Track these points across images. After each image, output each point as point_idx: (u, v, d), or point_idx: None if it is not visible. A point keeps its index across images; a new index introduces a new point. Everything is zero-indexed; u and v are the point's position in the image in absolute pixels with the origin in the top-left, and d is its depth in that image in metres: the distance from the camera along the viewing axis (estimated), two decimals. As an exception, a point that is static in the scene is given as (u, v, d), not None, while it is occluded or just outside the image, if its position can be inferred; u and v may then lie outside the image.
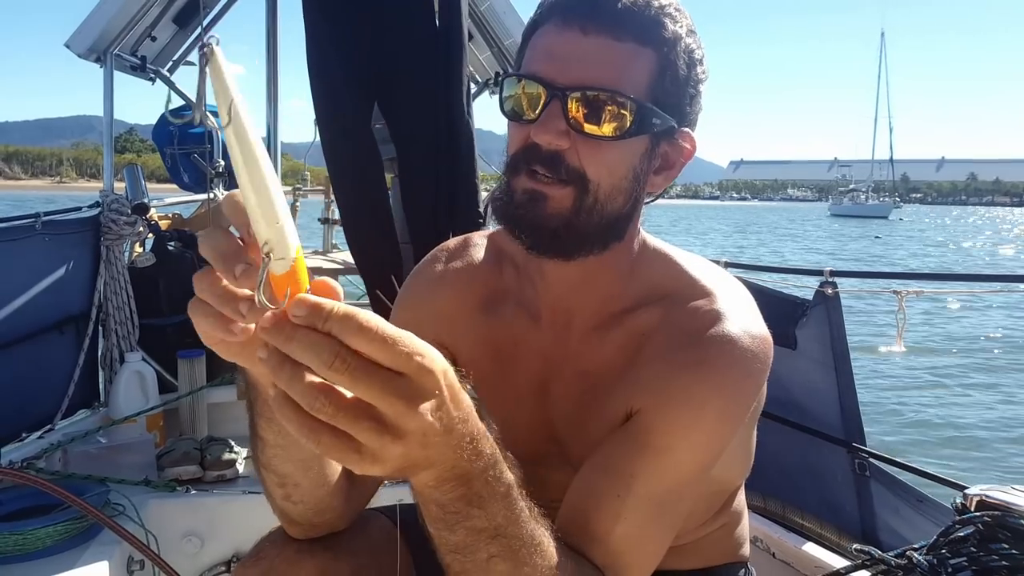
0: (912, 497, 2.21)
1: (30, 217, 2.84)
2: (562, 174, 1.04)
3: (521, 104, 1.07)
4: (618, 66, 1.03)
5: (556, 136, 1.03)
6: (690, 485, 1.07)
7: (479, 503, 0.77)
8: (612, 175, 1.06)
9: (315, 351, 0.63)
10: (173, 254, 3.29)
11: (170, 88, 4.02)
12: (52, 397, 2.84)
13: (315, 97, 2.82)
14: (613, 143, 1.04)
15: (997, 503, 1.58)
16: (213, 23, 4.04)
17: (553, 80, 1.03)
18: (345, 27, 2.78)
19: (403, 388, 0.66)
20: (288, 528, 1.13)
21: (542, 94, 1.04)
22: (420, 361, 0.66)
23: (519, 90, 1.07)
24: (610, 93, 1.02)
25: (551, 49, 1.05)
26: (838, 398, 2.35)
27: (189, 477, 2.49)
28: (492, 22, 3.47)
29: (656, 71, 1.05)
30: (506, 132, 1.14)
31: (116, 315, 3.06)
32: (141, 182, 3.36)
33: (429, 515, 0.79)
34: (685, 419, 1.04)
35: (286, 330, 0.64)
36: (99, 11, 3.21)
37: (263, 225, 0.64)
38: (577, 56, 1.03)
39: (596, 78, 1.02)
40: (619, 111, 1.02)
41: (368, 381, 0.64)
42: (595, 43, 1.03)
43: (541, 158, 1.04)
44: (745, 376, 1.08)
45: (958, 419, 7.89)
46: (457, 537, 0.79)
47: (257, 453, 0.99)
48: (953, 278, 2.38)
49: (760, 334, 1.11)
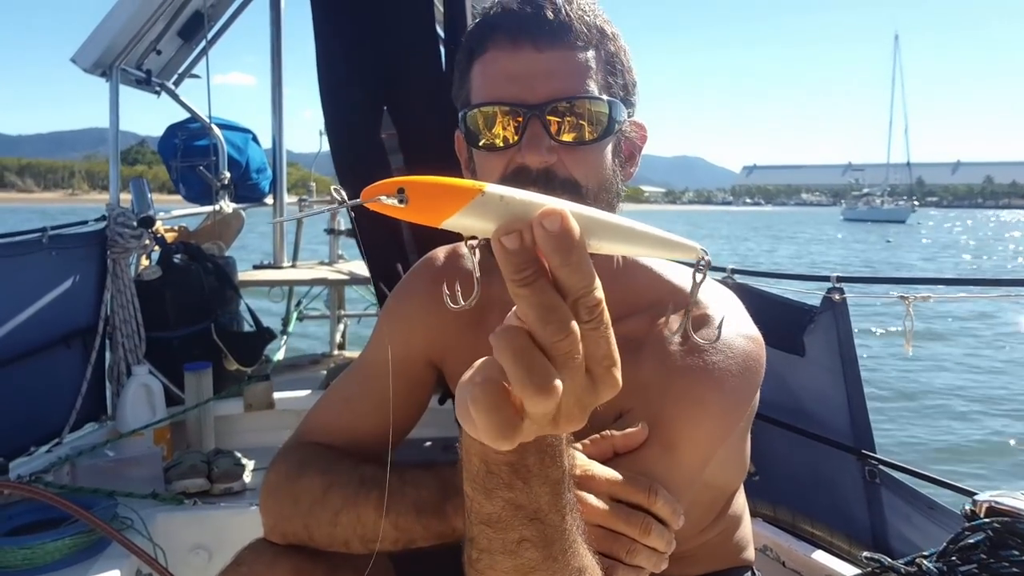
0: (923, 504, 2.18)
1: (37, 232, 2.86)
2: (556, 187, 1.06)
3: (495, 131, 1.08)
4: (579, 73, 1.07)
5: (545, 154, 1.05)
6: (689, 485, 1.08)
7: (525, 477, 0.73)
8: (598, 175, 1.11)
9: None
10: (179, 267, 3.29)
11: (175, 101, 4.04)
12: (60, 411, 2.85)
13: (324, 105, 2.83)
14: (595, 146, 1.09)
15: (1007, 509, 1.57)
16: (218, 36, 4.08)
17: (524, 101, 1.06)
18: (353, 36, 2.79)
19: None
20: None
21: (518, 117, 1.06)
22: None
23: (489, 116, 1.08)
24: (581, 99, 1.06)
25: (510, 72, 1.07)
26: (847, 405, 2.33)
27: (196, 490, 2.49)
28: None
29: (606, 70, 1.10)
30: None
31: (123, 328, 3.07)
32: (147, 195, 3.37)
33: (470, 469, 0.75)
34: (686, 416, 1.05)
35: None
36: (105, 26, 3.24)
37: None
38: (540, 73, 1.06)
39: (564, 89, 1.06)
40: (594, 115, 1.07)
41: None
42: (551, 57, 1.06)
43: (533, 178, 1.06)
44: (742, 375, 1.09)
45: (967, 424, 7.83)
46: (493, 507, 0.75)
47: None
48: (962, 283, 2.35)
49: (753, 335, 1.14)
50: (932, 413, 8.24)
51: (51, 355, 2.85)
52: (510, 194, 0.58)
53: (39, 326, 2.79)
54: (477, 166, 1.16)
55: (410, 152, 2.86)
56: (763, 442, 2.09)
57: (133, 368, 2.94)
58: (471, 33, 1.14)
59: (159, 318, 3.18)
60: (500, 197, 0.58)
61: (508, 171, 1.08)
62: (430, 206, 0.57)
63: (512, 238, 0.58)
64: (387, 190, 0.57)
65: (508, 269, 0.59)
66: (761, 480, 2.39)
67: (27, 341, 2.73)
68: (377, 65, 2.78)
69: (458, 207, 0.57)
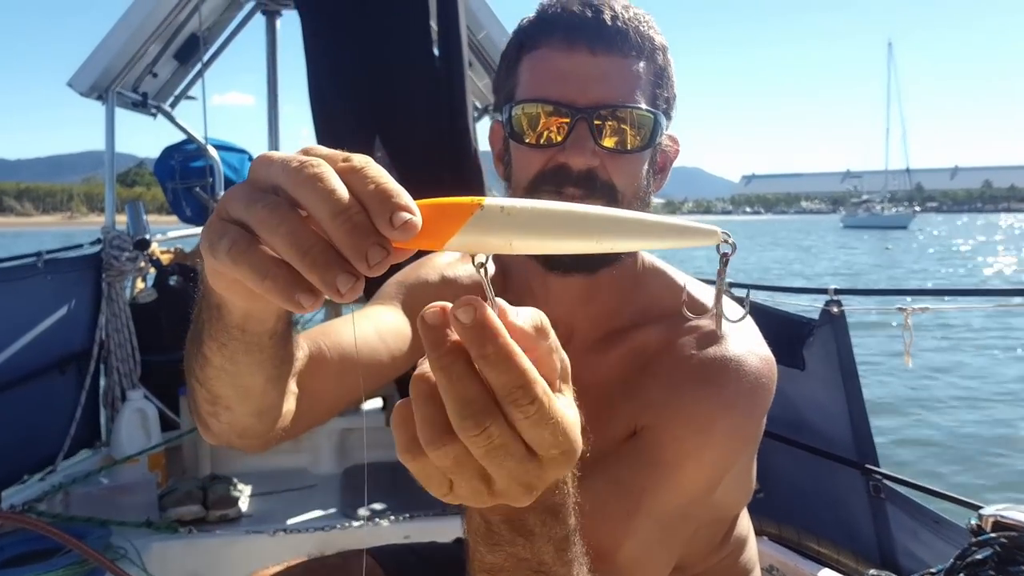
0: (929, 518, 2.15)
1: (32, 256, 2.85)
2: (596, 190, 1.07)
3: (541, 128, 1.08)
4: (630, 82, 1.08)
5: (590, 157, 1.06)
6: (696, 505, 1.06)
7: (527, 535, 0.70)
8: (634, 184, 1.11)
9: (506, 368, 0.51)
10: (175, 289, 3.29)
11: (171, 122, 4.04)
12: (54, 437, 2.83)
13: (316, 128, 2.83)
14: (636, 155, 1.10)
15: (1014, 523, 1.55)
16: (214, 58, 4.08)
17: (574, 102, 1.06)
18: (344, 59, 2.79)
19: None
20: (203, 433, 1.03)
21: (565, 117, 1.06)
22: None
23: (535, 114, 1.08)
24: (630, 109, 1.07)
25: (562, 71, 1.07)
26: (849, 418, 2.31)
27: (192, 517, 2.47)
28: (489, 50, 3.48)
29: (654, 82, 1.10)
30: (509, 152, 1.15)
31: (118, 352, 3.05)
32: (143, 217, 3.36)
33: (472, 524, 0.72)
34: (695, 437, 1.03)
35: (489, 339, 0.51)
36: (101, 50, 3.25)
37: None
38: (593, 76, 1.06)
39: (614, 96, 1.06)
40: (640, 125, 1.08)
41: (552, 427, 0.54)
42: (605, 62, 1.07)
43: (574, 179, 1.07)
44: (752, 396, 1.07)
45: (970, 435, 7.78)
46: (495, 558, 0.71)
47: (193, 366, 0.87)
48: (960, 293, 2.33)
49: (765, 355, 1.11)
50: (935, 421, 8.20)
51: (45, 381, 2.83)
52: (511, 204, 0.54)
53: (34, 352, 2.77)
54: (514, 159, 1.15)
55: (401, 173, 2.86)
56: (766, 458, 2.06)
57: (128, 393, 2.93)
58: (525, 26, 1.14)
59: (155, 341, 3.17)
60: (501, 208, 0.54)
61: (547, 167, 1.08)
62: (428, 229, 0.53)
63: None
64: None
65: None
66: (765, 497, 2.36)
67: (21, 367, 2.71)
68: (368, 89, 2.78)
69: (458, 226, 0.53)
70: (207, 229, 0.56)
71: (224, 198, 0.56)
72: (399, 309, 1.29)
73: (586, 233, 0.56)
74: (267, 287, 0.51)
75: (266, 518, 2.62)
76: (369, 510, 2.59)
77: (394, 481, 2.93)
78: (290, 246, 0.49)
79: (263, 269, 0.51)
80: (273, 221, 0.51)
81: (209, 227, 0.55)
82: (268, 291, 0.51)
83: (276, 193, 0.52)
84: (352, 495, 2.87)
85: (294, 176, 0.51)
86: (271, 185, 0.53)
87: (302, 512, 2.69)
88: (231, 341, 0.76)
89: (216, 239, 0.54)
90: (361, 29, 2.78)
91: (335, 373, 1.10)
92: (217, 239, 0.54)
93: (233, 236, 0.53)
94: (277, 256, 0.51)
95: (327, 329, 1.15)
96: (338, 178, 0.50)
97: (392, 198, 0.50)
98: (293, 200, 0.51)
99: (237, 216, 0.53)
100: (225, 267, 0.54)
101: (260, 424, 0.97)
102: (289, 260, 0.50)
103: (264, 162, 0.54)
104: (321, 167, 0.51)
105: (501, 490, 0.56)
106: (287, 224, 0.50)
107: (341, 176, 0.51)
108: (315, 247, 0.49)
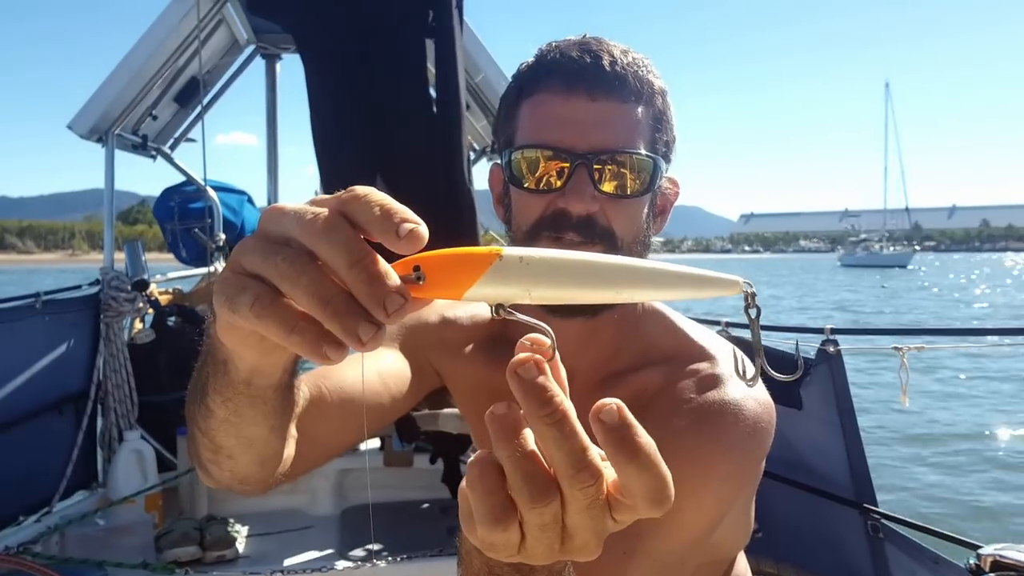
0: (928, 558, 2.14)
1: (30, 297, 2.85)
2: (596, 236, 1.07)
3: (540, 173, 1.09)
4: (629, 127, 1.07)
5: (589, 202, 1.06)
6: (694, 547, 1.06)
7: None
8: (633, 228, 1.11)
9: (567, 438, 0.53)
10: (173, 329, 3.29)
11: (171, 164, 4.07)
12: (50, 478, 2.82)
13: (320, 167, 2.88)
14: (636, 200, 1.09)
15: (1012, 563, 1.54)
16: (214, 101, 4.12)
17: (573, 147, 1.06)
18: (343, 102, 2.83)
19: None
20: (203, 478, 1.01)
21: (564, 163, 1.06)
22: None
23: (535, 159, 1.09)
24: (629, 154, 1.06)
25: (561, 117, 1.07)
26: (847, 458, 2.30)
27: (188, 559, 2.45)
28: (487, 92, 3.53)
29: (653, 126, 1.10)
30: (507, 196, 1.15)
31: (115, 393, 3.04)
32: (141, 258, 3.37)
33: (471, 569, 0.70)
34: (693, 480, 1.02)
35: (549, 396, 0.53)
36: (101, 93, 3.28)
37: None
38: (592, 122, 1.06)
39: (614, 141, 1.06)
40: (639, 169, 1.08)
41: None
42: (604, 108, 1.06)
43: (573, 224, 1.07)
44: (751, 439, 1.07)
45: (967, 475, 7.72)
46: None
47: (196, 415, 0.86)
48: (956, 332, 2.35)
49: (764, 399, 1.11)
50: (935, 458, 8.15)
51: (42, 422, 2.82)
52: (529, 254, 0.54)
53: (31, 393, 2.77)
54: (514, 204, 1.15)
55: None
56: (764, 497, 2.05)
57: (125, 433, 2.92)
58: (524, 72, 1.14)
59: (152, 381, 3.16)
60: (519, 259, 0.54)
61: (547, 213, 1.09)
62: (448, 279, 0.54)
63: (531, 366, 0.53)
64: (402, 271, 0.56)
65: (533, 401, 0.53)
66: (764, 536, 2.34)
67: (18, 407, 2.71)
68: (370, 131, 2.82)
69: (477, 276, 0.54)
70: (222, 284, 0.55)
71: (237, 252, 0.56)
72: (398, 351, 1.30)
73: (605, 284, 0.56)
74: (294, 341, 0.51)
75: (263, 559, 2.60)
76: (366, 551, 2.57)
77: (391, 522, 2.91)
78: (312, 296, 0.50)
79: (290, 323, 0.52)
80: (294, 273, 0.51)
81: (225, 282, 0.55)
82: (295, 344, 0.51)
83: (290, 245, 0.52)
84: (350, 536, 2.85)
85: (309, 228, 0.51)
86: (284, 237, 0.53)
87: (299, 553, 2.67)
88: (236, 396, 0.76)
89: (235, 294, 0.54)
90: (360, 73, 2.83)
91: (336, 416, 1.10)
92: (236, 294, 0.53)
93: (256, 291, 0.53)
94: (301, 310, 0.52)
95: (328, 372, 1.14)
96: (351, 228, 0.51)
97: (395, 214, 0.51)
98: (309, 252, 0.51)
99: (254, 270, 0.53)
100: (248, 322, 0.53)
101: (262, 471, 0.97)
102: (310, 311, 0.50)
103: (276, 214, 0.54)
104: (334, 218, 0.51)
105: (578, 545, 0.57)
106: (308, 275, 0.50)
107: (347, 206, 0.51)
108: (336, 297, 0.50)
